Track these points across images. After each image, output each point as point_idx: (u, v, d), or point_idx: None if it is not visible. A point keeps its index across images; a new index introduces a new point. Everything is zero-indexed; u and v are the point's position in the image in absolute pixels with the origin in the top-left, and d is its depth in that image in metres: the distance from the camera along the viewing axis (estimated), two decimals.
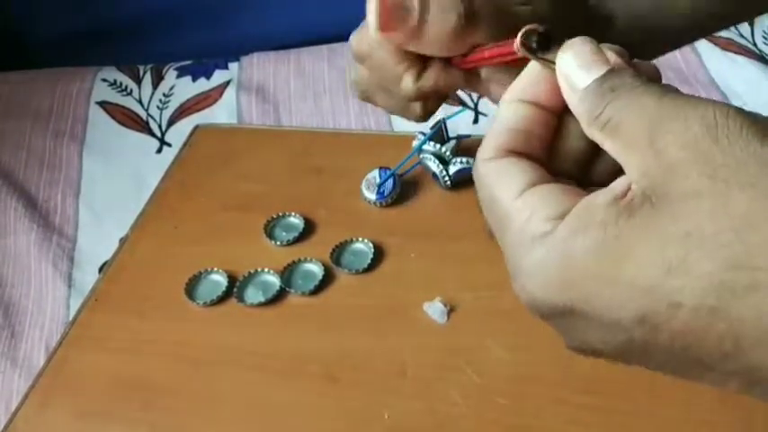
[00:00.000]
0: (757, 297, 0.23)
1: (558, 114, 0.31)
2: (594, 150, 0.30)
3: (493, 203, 0.29)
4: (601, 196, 0.26)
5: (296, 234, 0.66)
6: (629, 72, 0.28)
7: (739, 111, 0.25)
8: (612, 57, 0.28)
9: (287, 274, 0.62)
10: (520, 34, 0.31)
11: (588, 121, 0.28)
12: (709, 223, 0.23)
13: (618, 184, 0.26)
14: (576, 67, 0.28)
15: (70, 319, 0.65)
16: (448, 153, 0.68)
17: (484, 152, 0.30)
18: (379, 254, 0.63)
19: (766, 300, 0.23)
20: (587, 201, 0.26)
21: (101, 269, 0.72)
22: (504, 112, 0.31)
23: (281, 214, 0.68)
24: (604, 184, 0.28)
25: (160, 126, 0.92)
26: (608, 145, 0.27)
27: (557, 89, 0.30)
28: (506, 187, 0.29)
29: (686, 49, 0.95)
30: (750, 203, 0.23)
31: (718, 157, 0.24)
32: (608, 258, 0.25)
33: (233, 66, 1.00)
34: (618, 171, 0.27)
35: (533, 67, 0.31)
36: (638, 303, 0.25)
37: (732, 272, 0.23)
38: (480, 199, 0.31)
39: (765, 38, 0.97)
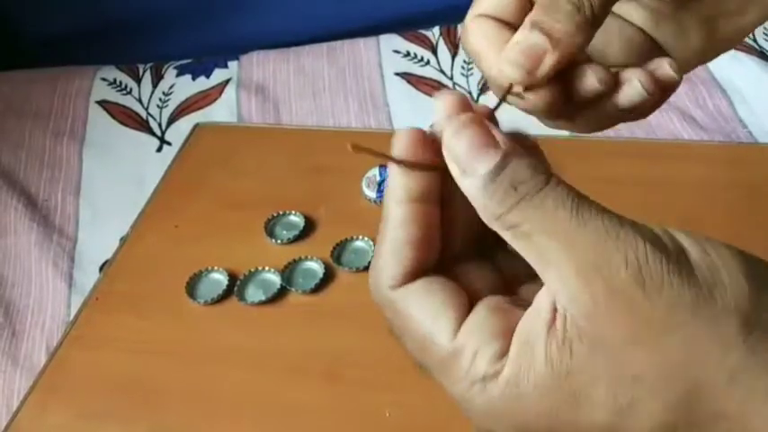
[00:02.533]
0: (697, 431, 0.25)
1: (441, 199, 0.29)
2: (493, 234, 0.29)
3: (426, 345, 0.28)
4: (534, 323, 0.26)
5: (296, 232, 0.66)
6: (525, 162, 0.26)
7: (657, 249, 0.25)
8: (503, 139, 0.27)
9: (287, 272, 0.62)
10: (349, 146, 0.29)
11: (489, 219, 0.27)
12: (649, 369, 0.25)
13: (543, 304, 0.26)
14: (467, 151, 0.27)
15: (71, 318, 0.65)
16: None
17: (388, 279, 0.29)
18: None
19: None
20: (523, 332, 0.26)
21: (101, 268, 0.72)
22: (395, 223, 0.29)
23: (281, 213, 0.68)
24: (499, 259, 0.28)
25: (160, 125, 0.92)
26: (517, 247, 0.27)
27: (433, 180, 0.29)
28: (437, 328, 0.27)
29: None
30: (684, 346, 0.24)
31: (646, 306, 0.24)
32: (561, 400, 0.25)
33: (232, 64, 1.00)
34: (522, 260, 0.27)
35: (405, 135, 0.29)
36: None
37: (676, 412, 0.25)
38: (399, 329, 0.29)
39: (766, 34, 0.96)
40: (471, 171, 0.27)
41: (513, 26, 0.33)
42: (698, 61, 0.38)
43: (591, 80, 0.32)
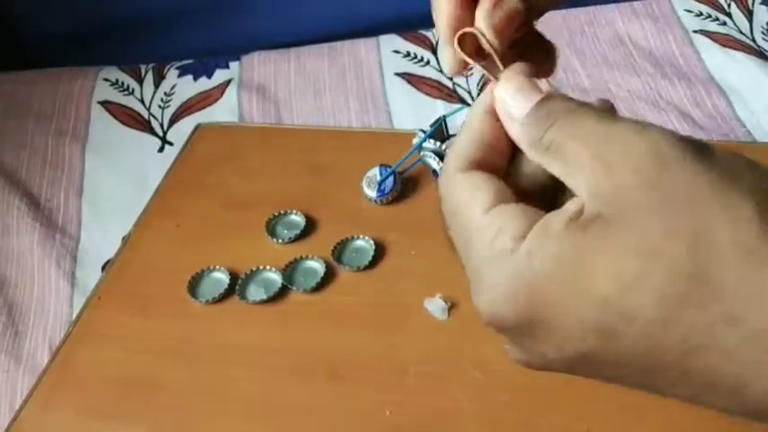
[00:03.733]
0: (707, 308, 0.24)
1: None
2: (546, 172, 0.31)
3: (460, 216, 0.30)
4: (557, 216, 0.27)
5: (297, 232, 0.66)
6: (561, 97, 0.30)
7: (681, 138, 0.26)
8: (545, 85, 0.31)
9: (288, 271, 0.63)
10: (456, 36, 0.33)
11: (530, 147, 0.30)
12: (660, 239, 0.25)
13: (571, 205, 0.27)
14: (513, 97, 0.31)
15: (73, 317, 0.66)
16: (448, 150, 0.69)
17: (455, 161, 0.32)
18: (379, 251, 0.64)
19: (715, 311, 0.24)
20: (545, 220, 0.28)
21: (104, 268, 0.72)
22: (473, 122, 0.32)
23: (282, 212, 0.68)
24: (556, 204, 0.29)
25: (162, 125, 0.93)
26: (554, 167, 0.29)
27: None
28: (475, 203, 0.30)
29: (684, 46, 0.95)
30: (700, 221, 0.25)
31: (667, 181, 0.25)
32: (566, 270, 0.26)
33: (234, 65, 1.01)
34: (568, 191, 0.29)
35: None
36: (596, 315, 0.26)
37: (685, 284, 0.24)
38: (445, 210, 0.32)
39: (764, 33, 0.97)
40: (516, 113, 0.30)
41: None
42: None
43: None
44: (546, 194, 0.31)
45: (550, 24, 0.64)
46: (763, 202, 0.25)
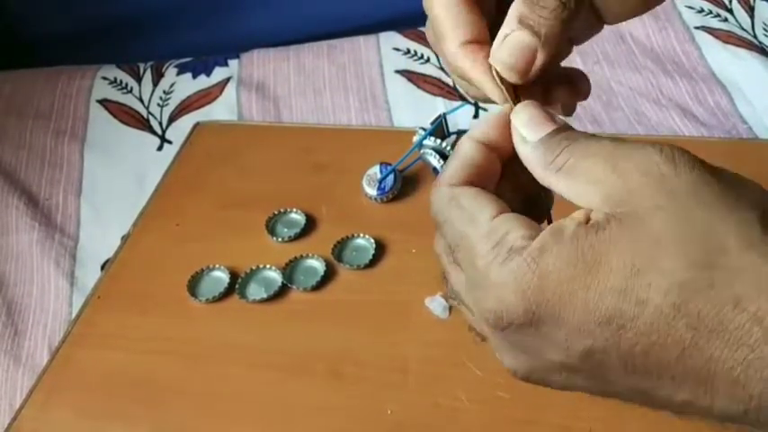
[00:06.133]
0: (714, 293, 0.25)
1: (505, 160, 0.33)
2: (532, 198, 0.33)
3: (461, 225, 0.30)
4: (568, 221, 0.28)
5: (297, 230, 0.66)
6: (575, 130, 0.31)
7: (688, 151, 0.28)
8: (560, 119, 0.31)
9: (289, 270, 0.62)
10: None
11: (542, 167, 0.30)
12: (672, 231, 0.26)
13: (578, 214, 0.28)
14: (528, 123, 0.31)
15: (73, 317, 0.65)
16: (448, 148, 0.68)
17: (449, 178, 0.32)
18: (380, 249, 0.63)
19: (722, 295, 0.25)
20: (556, 224, 0.29)
21: (103, 267, 0.72)
22: (465, 148, 0.33)
23: (282, 210, 0.68)
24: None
25: (161, 123, 0.92)
26: (562, 185, 0.29)
27: (510, 137, 0.32)
28: (480, 211, 0.30)
29: (686, 42, 0.95)
30: (708, 216, 0.26)
31: (676, 181, 0.27)
32: (581, 266, 0.27)
33: (233, 63, 1.00)
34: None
35: (496, 115, 0.33)
36: (607, 304, 0.26)
37: (693, 271, 0.25)
38: (441, 220, 0.32)
39: (766, 30, 0.96)
40: (530, 137, 0.31)
41: (478, 2, 0.34)
42: (627, 18, 0.40)
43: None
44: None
45: None
46: (764, 214, 0.26)
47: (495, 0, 0.36)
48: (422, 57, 0.97)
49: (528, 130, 0.31)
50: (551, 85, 0.35)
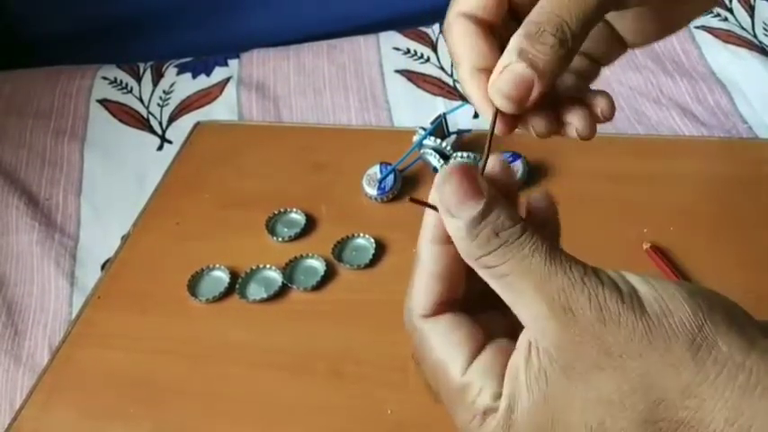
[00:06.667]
0: None
1: None
2: None
3: (440, 375, 0.32)
4: (517, 359, 0.30)
5: (297, 230, 0.66)
6: (506, 212, 0.30)
7: (613, 291, 0.29)
8: (486, 187, 0.30)
9: (289, 269, 0.62)
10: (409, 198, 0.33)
11: (468, 257, 0.31)
12: (614, 391, 0.28)
13: (521, 342, 0.30)
14: (453, 196, 0.30)
15: (73, 316, 0.65)
16: (448, 148, 0.68)
17: (420, 308, 0.33)
18: (380, 249, 0.63)
19: None
20: (512, 368, 0.30)
21: (103, 267, 0.72)
22: (426, 259, 0.33)
23: (282, 210, 0.68)
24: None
25: (161, 123, 0.92)
26: (492, 285, 0.31)
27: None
28: (452, 361, 0.32)
29: (686, 42, 0.95)
30: (642, 370, 0.28)
31: (609, 339, 0.28)
32: (543, 424, 0.29)
33: (233, 62, 1.00)
34: None
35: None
36: None
37: (640, 427, 0.28)
38: (422, 356, 0.33)
39: (766, 29, 0.96)
40: (457, 215, 0.30)
41: (492, 26, 0.35)
42: (648, 43, 0.42)
43: (529, 127, 0.35)
44: None
45: None
46: (694, 337, 0.28)
47: (509, 33, 0.36)
48: (422, 56, 0.97)
49: (455, 207, 0.30)
50: (564, 108, 0.35)
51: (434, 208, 0.32)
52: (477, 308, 0.34)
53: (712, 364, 0.28)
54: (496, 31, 0.35)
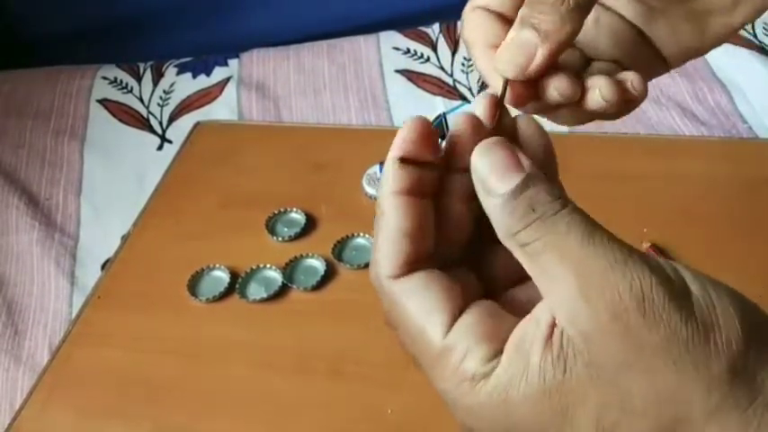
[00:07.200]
0: None
1: (435, 196, 0.30)
2: (482, 238, 0.30)
3: (415, 337, 0.29)
4: (531, 333, 0.27)
5: (297, 230, 0.66)
6: (545, 186, 0.28)
7: (662, 281, 0.26)
8: (527, 163, 0.28)
9: (289, 269, 0.62)
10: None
11: (505, 235, 0.28)
12: (637, 396, 0.26)
13: (542, 317, 0.27)
14: (492, 171, 0.28)
15: (73, 316, 0.65)
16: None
17: (387, 269, 0.29)
18: None
19: None
20: (518, 340, 0.27)
21: (103, 266, 0.72)
22: (390, 214, 0.29)
23: (282, 210, 0.68)
24: (496, 271, 0.30)
25: (161, 123, 0.92)
26: (526, 265, 0.28)
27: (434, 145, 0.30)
28: (430, 323, 0.28)
29: None
30: (676, 378, 0.25)
31: (645, 334, 0.25)
32: (548, 414, 0.26)
33: (233, 62, 1.00)
34: (511, 265, 0.28)
35: (409, 123, 0.31)
36: None
37: None
38: (394, 320, 0.30)
39: (766, 29, 0.96)
40: (495, 190, 0.28)
41: (508, 19, 0.34)
42: (687, 57, 0.39)
43: (551, 91, 0.33)
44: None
45: None
46: (734, 360, 0.25)
47: None
48: (422, 56, 0.97)
49: (493, 180, 0.28)
50: (588, 78, 0.34)
51: (421, 163, 0.29)
52: (447, 267, 0.30)
53: (747, 394, 0.25)
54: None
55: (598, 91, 0.33)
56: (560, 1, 0.31)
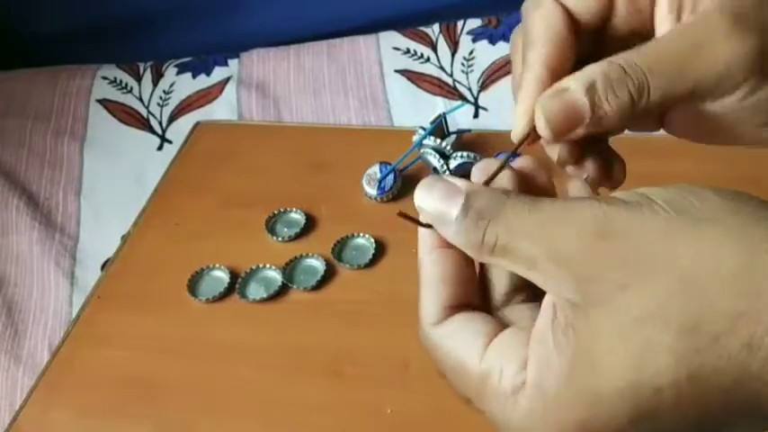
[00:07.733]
0: (720, 345, 0.24)
1: None
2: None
3: (460, 373, 0.29)
4: (541, 324, 0.27)
5: (297, 230, 0.66)
6: (486, 195, 0.28)
7: (611, 201, 0.26)
8: (462, 183, 0.29)
9: (289, 269, 0.63)
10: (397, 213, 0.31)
11: (474, 252, 0.29)
12: (646, 304, 0.25)
13: (545, 306, 0.27)
14: (437, 204, 0.29)
15: (73, 316, 0.65)
16: (448, 148, 0.68)
17: (429, 317, 0.30)
18: (380, 249, 0.63)
19: (730, 344, 0.24)
20: (535, 335, 0.27)
21: (103, 267, 0.72)
22: (427, 267, 0.31)
23: (282, 210, 0.68)
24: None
25: (161, 123, 0.92)
26: (507, 266, 0.28)
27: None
28: (468, 354, 0.29)
29: None
30: (674, 268, 0.25)
31: (620, 249, 0.25)
32: (579, 383, 0.26)
33: (233, 62, 1.00)
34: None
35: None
36: (627, 407, 0.25)
37: (689, 336, 0.24)
38: (441, 366, 0.30)
39: None
40: (447, 219, 0.29)
41: (581, 25, 0.33)
42: (687, 138, 0.39)
43: (560, 155, 0.34)
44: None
45: None
46: (736, 200, 0.25)
47: (592, 41, 0.34)
48: (422, 56, 0.97)
49: (441, 212, 0.29)
50: (588, 156, 0.34)
51: (423, 224, 0.31)
52: (500, 310, 0.32)
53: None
54: (581, 37, 0.33)
55: (587, 175, 0.34)
56: (630, 105, 0.31)
